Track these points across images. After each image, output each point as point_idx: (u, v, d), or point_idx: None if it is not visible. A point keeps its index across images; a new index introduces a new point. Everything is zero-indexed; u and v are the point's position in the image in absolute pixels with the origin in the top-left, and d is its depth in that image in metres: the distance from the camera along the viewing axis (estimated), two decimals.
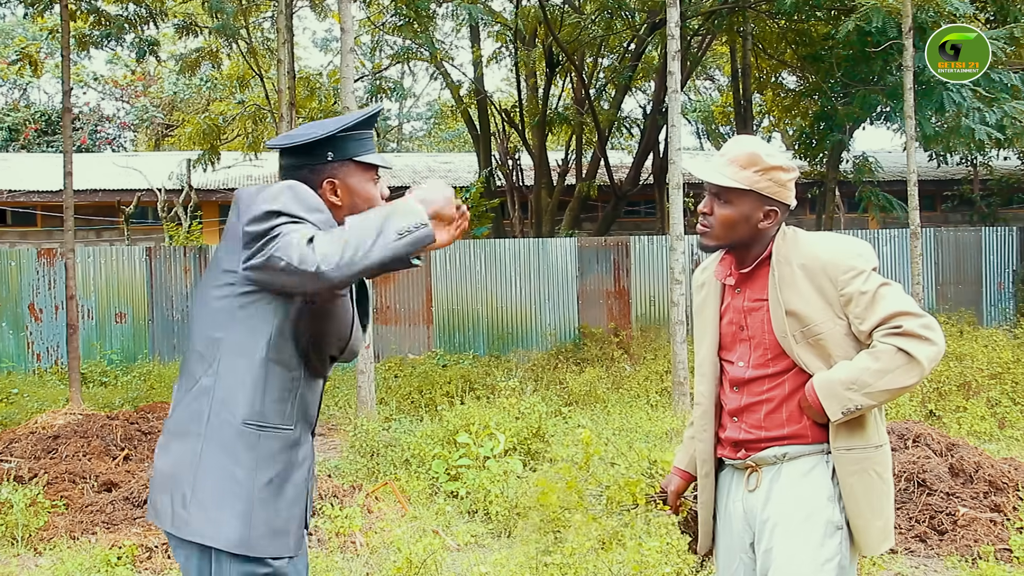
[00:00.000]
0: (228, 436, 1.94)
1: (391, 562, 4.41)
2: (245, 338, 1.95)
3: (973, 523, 4.62)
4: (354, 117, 2.07)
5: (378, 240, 1.78)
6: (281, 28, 10.63)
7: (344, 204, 2.06)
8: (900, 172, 16.19)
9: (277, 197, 1.89)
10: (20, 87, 27.35)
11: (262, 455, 1.96)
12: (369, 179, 2.10)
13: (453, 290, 12.55)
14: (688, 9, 13.22)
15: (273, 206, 1.87)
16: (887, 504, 2.22)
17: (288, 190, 1.92)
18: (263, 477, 1.95)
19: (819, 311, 2.18)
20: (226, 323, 1.96)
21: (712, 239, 2.30)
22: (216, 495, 1.93)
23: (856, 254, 2.20)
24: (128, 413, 7.40)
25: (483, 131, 16.91)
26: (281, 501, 1.98)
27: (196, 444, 1.95)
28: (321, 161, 2.05)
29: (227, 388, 1.95)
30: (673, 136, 8.76)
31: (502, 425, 6.27)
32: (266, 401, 1.96)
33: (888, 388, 2.11)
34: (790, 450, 2.24)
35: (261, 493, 1.95)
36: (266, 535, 1.95)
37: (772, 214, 2.26)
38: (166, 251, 12.52)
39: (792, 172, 2.28)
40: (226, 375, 1.95)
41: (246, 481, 1.94)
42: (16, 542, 4.93)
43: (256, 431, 1.95)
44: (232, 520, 1.92)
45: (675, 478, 2.56)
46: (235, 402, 1.94)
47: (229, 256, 1.95)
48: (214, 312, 1.98)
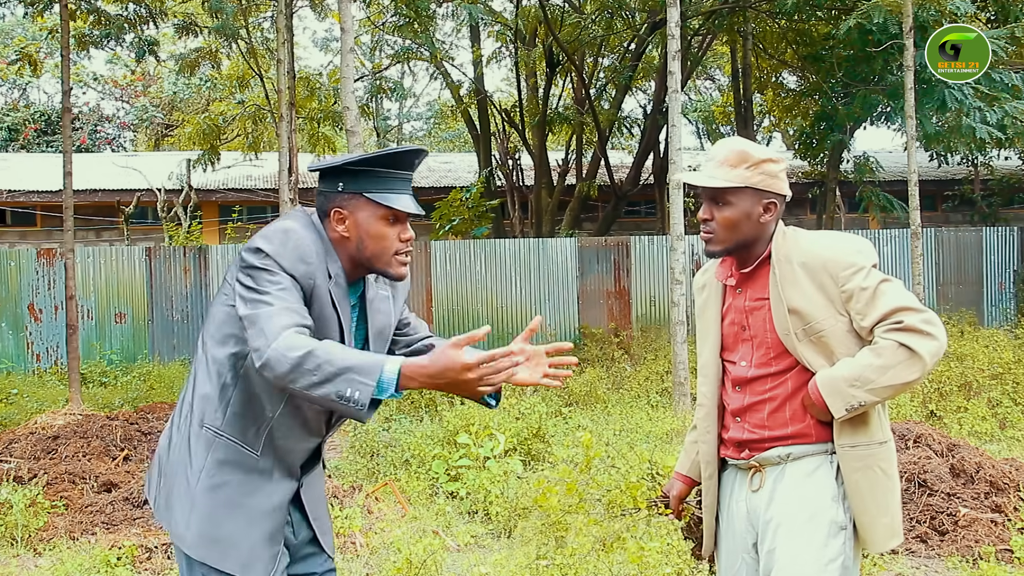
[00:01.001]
0: (192, 435, 2.03)
1: (391, 562, 4.41)
2: (218, 352, 2.02)
3: (974, 524, 4.61)
4: (378, 155, 2.04)
5: (321, 386, 1.77)
6: (281, 28, 10.62)
7: (352, 237, 2.04)
8: (901, 172, 16.20)
9: (271, 239, 1.95)
10: (20, 87, 27.36)
11: (213, 459, 2.00)
12: (382, 217, 2.04)
13: (453, 290, 12.55)
14: (688, 9, 13.22)
15: (259, 253, 1.94)
16: (893, 501, 2.21)
17: (282, 234, 1.96)
18: (208, 481, 1.99)
19: (821, 308, 2.18)
20: (214, 332, 2.04)
21: (717, 244, 2.29)
22: (174, 488, 2.03)
23: (856, 251, 2.20)
24: (128, 413, 7.39)
25: (483, 131, 16.90)
26: (228, 512, 1.99)
27: (175, 437, 2.07)
28: (333, 189, 2.05)
29: (199, 392, 2.04)
30: (673, 136, 8.75)
31: (502, 425, 6.26)
32: (228, 411, 2.01)
33: (891, 384, 2.11)
34: (794, 450, 2.23)
35: (203, 497, 1.99)
36: (201, 539, 1.99)
37: (772, 207, 2.26)
38: (166, 251, 12.51)
39: (781, 162, 2.28)
40: (201, 378, 2.04)
41: (192, 480, 2.00)
42: (16, 542, 4.93)
43: (213, 435, 2.01)
44: (178, 515, 2.01)
45: (677, 483, 2.55)
46: (201, 406, 2.03)
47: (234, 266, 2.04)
48: (212, 315, 2.07)
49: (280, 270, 1.92)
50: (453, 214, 14.98)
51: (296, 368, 1.78)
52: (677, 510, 2.55)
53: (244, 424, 2.00)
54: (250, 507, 2.01)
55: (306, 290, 1.96)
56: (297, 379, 1.78)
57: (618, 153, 21.03)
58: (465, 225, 14.84)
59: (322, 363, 1.76)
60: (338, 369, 1.76)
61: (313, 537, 2.18)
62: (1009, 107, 10.93)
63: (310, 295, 1.97)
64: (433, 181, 19.55)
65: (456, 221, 14.83)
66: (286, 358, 1.78)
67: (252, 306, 1.88)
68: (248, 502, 2.01)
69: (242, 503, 2.00)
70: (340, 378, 1.75)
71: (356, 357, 1.79)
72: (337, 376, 1.75)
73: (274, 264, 1.92)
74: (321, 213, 2.08)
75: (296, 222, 2.02)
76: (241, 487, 2.00)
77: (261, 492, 2.02)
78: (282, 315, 1.86)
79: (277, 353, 1.79)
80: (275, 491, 2.05)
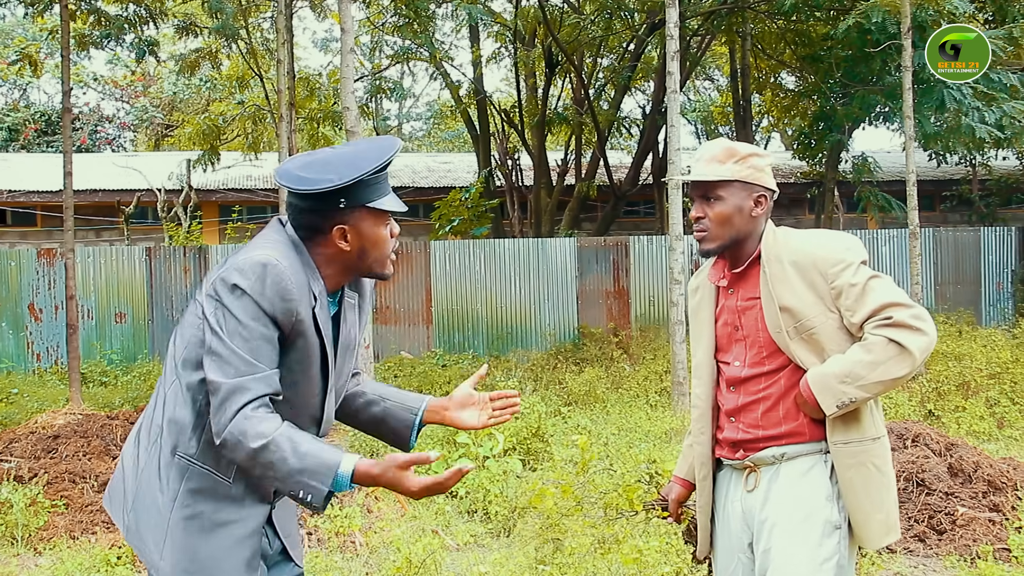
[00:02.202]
0: (164, 462, 1.95)
1: (391, 562, 4.42)
2: (191, 377, 1.94)
3: (972, 523, 4.63)
4: (370, 164, 1.94)
5: (277, 482, 1.84)
6: (281, 28, 10.64)
7: (352, 248, 1.99)
8: (899, 172, 16.19)
9: (247, 274, 1.85)
10: (20, 87, 27.35)
11: (186, 489, 1.93)
12: (381, 223, 2.02)
13: (453, 290, 12.56)
14: (687, 9, 13.23)
15: (236, 290, 1.85)
16: (888, 497, 2.22)
17: (260, 269, 1.86)
18: (182, 512, 1.92)
19: (811, 305, 2.19)
20: (187, 356, 1.95)
21: (711, 241, 2.32)
22: (145, 515, 1.95)
23: (845, 248, 2.22)
24: (128, 413, 7.40)
25: (483, 131, 16.91)
26: (202, 541, 1.93)
27: (143, 458, 1.98)
28: (333, 207, 1.95)
29: (172, 417, 1.95)
30: (672, 136, 8.76)
31: (501, 425, 6.27)
32: (202, 440, 1.93)
33: (881, 379, 2.12)
34: (788, 450, 2.25)
35: (176, 527, 1.92)
36: (176, 570, 1.91)
37: (762, 200, 2.30)
38: (166, 251, 12.52)
39: (766, 156, 2.34)
40: (174, 404, 1.95)
41: (165, 510, 1.93)
42: (16, 542, 4.94)
43: (187, 463, 1.94)
44: (151, 544, 1.94)
45: (675, 486, 2.56)
46: (173, 433, 1.94)
47: (205, 292, 1.93)
48: (183, 335, 1.98)
49: (258, 310, 1.85)
50: (453, 214, 15.00)
51: (252, 459, 1.82)
52: (675, 513, 2.56)
53: (217, 452, 1.91)
54: (225, 535, 1.94)
55: (286, 327, 1.89)
56: (253, 468, 1.84)
57: (617, 153, 21.03)
58: (465, 225, 14.85)
59: (276, 461, 1.80)
60: (292, 470, 1.80)
61: (284, 548, 2.13)
62: (1007, 107, 10.95)
63: (292, 329, 1.91)
64: (433, 181, 19.55)
65: (456, 221, 14.85)
66: (242, 446, 1.81)
67: (217, 363, 1.84)
68: (223, 531, 1.94)
69: (217, 532, 1.94)
70: (294, 480, 1.81)
71: (311, 455, 1.81)
72: (291, 478, 1.81)
73: (251, 304, 1.85)
74: (313, 231, 1.98)
75: (274, 250, 1.91)
76: (215, 516, 1.94)
77: (236, 519, 1.96)
78: (245, 385, 1.83)
79: (234, 438, 1.81)
80: (249, 516, 1.98)
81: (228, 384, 1.82)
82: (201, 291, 1.94)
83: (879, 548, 2.27)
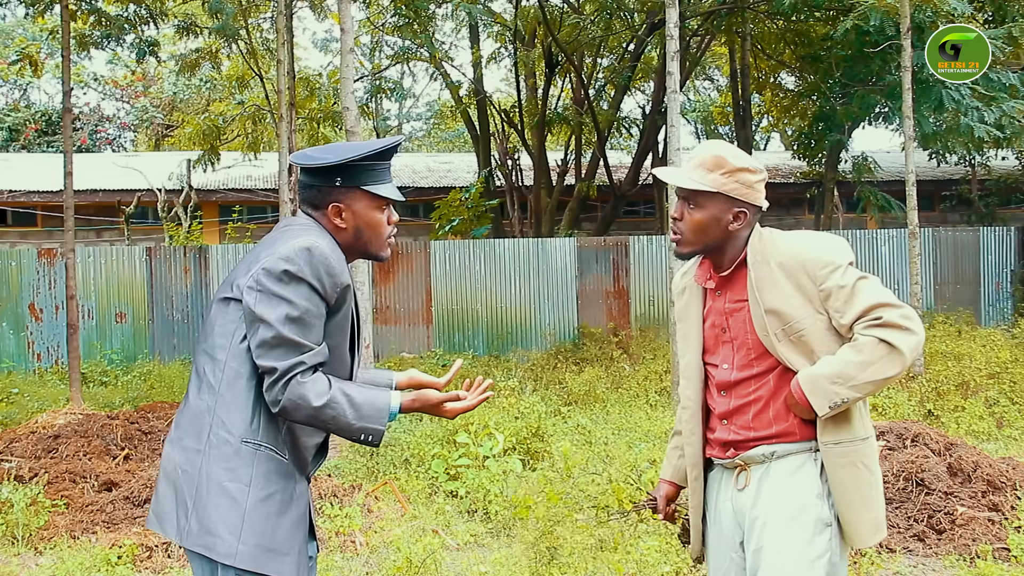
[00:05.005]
0: (227, 453, 2.04)
1: (391, 561, 4.43)
2: (241, 364, 2.06)
3: (971, 522, 4.63)
4: (367, 149, 2.12)
5: (340, 432, 2.07)
6: (281, 29, 10.64)
7: (348, 228, 2.16)
8: (899, 172, 16.20)
9: (295, 260, 2.02)
10: (20, 87, 27.36)
11: (258, 472, 2.04)
12: (377, 207, 2.17)
13: (453, 290, 12.56)
14: (687, 9, 13.23)
15: (286, 274, 2.01)
16: (877, 496, 2.23)
17: (306, 253, 2.02)
18: (259, 494, 2.03)
19: (799, 308, 2.20)
20: (227, 346, 2.07)
21: (685, 245, 2.33)
22: (213, 509, 2.01)
23: (833, 249, 2.22)
24: (128, 413, 7.41)
25: (483, 131, 16.91)
26: (278, 520, 2.05)
27: (197, 459, 2.05)
28: (329, 184, 2.13)
29: (226, 407, 2.05)
30: (672, 136, 8.77)
31: (501, 425, 6.28)
32: (261, 421, 2.06)
33: (872, 379, 2.13)
34: (778, 448, 2.25)
35: (255, 510, 2.02)
36: (257, 551, 2.01)
37: (741, 216, 2.27)
38: (166, 251, 12.53)
39: (759, 173, 2.29)
40: (226, 394, 2.06)
41: (240, 497, 2.02)
42: (17, 541, 4.95)
43: (254, 449, 2.05)
44: (225, 533, 2.00)
45: (664, 486, 2.58)
46: (233, 422, 2.05)
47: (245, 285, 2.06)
48: (223, 329, 2.09)
49: (310, 291, 2.02)
50: (453, 214, 15.00)
51: (314, 416, 2.02)
52: (665, 511, 2.57)
53: (273, 429, 2.07)
54: (293, 512, 2.08)
55: (332, 300, 2.06)
56: (315, 423, 2.05)
57: (617, 153, 21.05)
58: (465, 225, 14.86)
59: (338, 415, 2.03)
60: (352, 421, 2.05)
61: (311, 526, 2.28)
62: (1006, 107, 10.95)
63: (338, 299, 2.08)
64: (433, 181, 19.57)
65: (456, 221, 14.86)
66: (303, 407, 2.00)
67: (270, 350, 2.00)
68: (293, 507, 2.09)
69: (288, 510, 2.07)
70: (357, 428, 2.06)
71: (366, 404, 2.07)
72: (353, 426, 2.05)
73: (304, 287, 2.01)
74: (312, 206, 2.16)
75: (311, 235, 2.07)
76: (284, 493, 2.07)
77: (297, 494, 2.10)
78: (300, 362, 2.00)
79: (292, 403, 2.00)
80: (303, 491, 2.14)
81: (283, 366, 1.99)
82: (231, 290, 2.07)
83: (867, 547, 2.27)
